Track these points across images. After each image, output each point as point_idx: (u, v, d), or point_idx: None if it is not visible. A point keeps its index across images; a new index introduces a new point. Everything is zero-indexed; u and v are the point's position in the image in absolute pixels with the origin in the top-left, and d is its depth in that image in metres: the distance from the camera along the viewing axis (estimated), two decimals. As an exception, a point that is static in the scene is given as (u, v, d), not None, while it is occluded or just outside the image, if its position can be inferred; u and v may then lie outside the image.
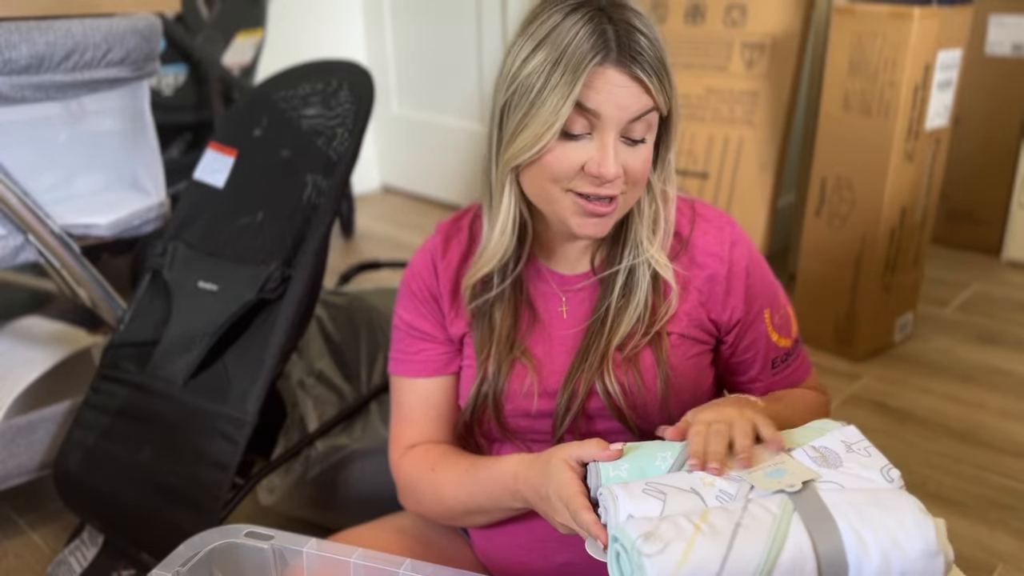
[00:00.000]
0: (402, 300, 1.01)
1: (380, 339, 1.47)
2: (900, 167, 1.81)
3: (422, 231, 2.71)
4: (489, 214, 0.92)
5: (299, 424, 1.34)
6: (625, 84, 0.81)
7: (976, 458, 1.54)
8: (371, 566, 0.81)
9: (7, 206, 1.23)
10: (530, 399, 0.92)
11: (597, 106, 0.81)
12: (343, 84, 1.34)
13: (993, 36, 2.33)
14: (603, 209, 0.85)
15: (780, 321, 0.96)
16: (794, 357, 0.98)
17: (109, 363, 1.32)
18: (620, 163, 0.83)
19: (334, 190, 1.27)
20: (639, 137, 0.84)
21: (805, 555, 0.67)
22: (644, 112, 0.83)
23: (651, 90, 0.82)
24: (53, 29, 1.20)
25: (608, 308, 0.92)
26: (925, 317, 2.08)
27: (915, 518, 0.69)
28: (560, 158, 0.84)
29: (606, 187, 0.84)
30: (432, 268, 0.99)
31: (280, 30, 2.51)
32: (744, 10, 2.07)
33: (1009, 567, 1.28)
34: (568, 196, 0.85)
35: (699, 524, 0.68)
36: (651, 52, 0.82)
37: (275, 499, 1.32)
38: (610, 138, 0.83)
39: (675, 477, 0.76)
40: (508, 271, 0.94)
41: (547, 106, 0.82)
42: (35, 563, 1.31)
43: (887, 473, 0.74)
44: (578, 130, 0.83)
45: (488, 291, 0.94)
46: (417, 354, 0.99)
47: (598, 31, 0.81)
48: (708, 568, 0.66)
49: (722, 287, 0.92)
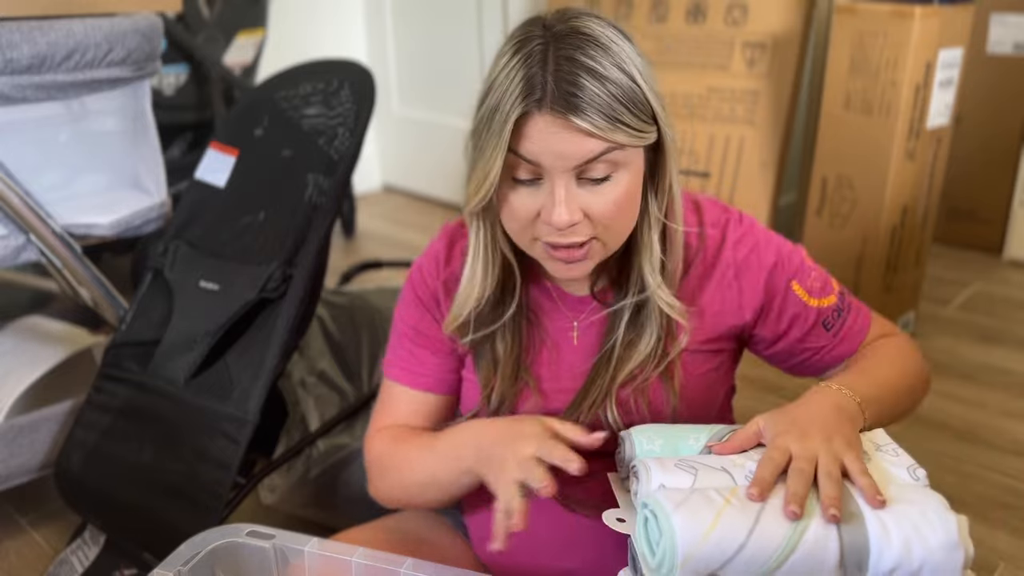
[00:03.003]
0: (406, 304, 0.98)
1: (381, 339, 1.47)
2: (901, 166, 1.81)
3: (423, 231, 2.71)
4: (469, 254, 0.89)
5: (300, 423, 1.34)
6: (559, 132, 0.75)
7: (977, 457, 1.53)
8: (372, 565, 0.81)
9: (9, 206, 1.23)
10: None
11: (534, 156, 0.76)
12: (344, 83, 1.34)
13: (994, 35, 2.33)
14: (573, 255, 0.80)
15: (813, 284, 0.91)
16: (847, 310, 0.92)
17: (111, 362, 1.32)
18: (578, 207, 0.78)
19: (335, 189, 1.27)
20: (601, 176, 0.78)
21: (829, 536, 0.68)
22: (595, 156, 0.76)
23: (597, 134, 0.74)
24: (54, 29, 1.20)
25: (615, 343, 0.88)
26: (926, 316, 2.07)
27: (938, 512, 0.70)
28: (514, 205, 0.80)
29: (567, 234, 0.79)
30: (436, 274, 0.96)
31: (281, 30, 2.51)
32: (745, 9, 2.07)
33: (1010, 566, 1.28)
34: (537, 243, 0.82)
35: (729, 498, 0.70)
36: (601, 91, 0.74)
37: (276, 498, 1.32)
38: (559, 185, 0.77)
39: (707, 457, 0.77)
40: (507, 304, 0.90)
41: (484, 154, 0.78)
42: (37, 562, 1.31)
43: (913, 472, 0.76)
44: (524, 176, 0.78)
45: (485, 326, 0.90)
46: (421, 366, 0.96)
47: (531, 75, 0.74)
48: (734, 538, 0.68)
49: (735, 291, 0.89)
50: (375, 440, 0.98)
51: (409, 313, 0.97)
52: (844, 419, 0.77)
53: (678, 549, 0.68)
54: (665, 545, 0.68)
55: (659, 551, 0.69)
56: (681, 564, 0.68)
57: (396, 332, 0.99)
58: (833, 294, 0.93)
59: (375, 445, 0.97)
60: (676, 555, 0.68)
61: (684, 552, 0.68)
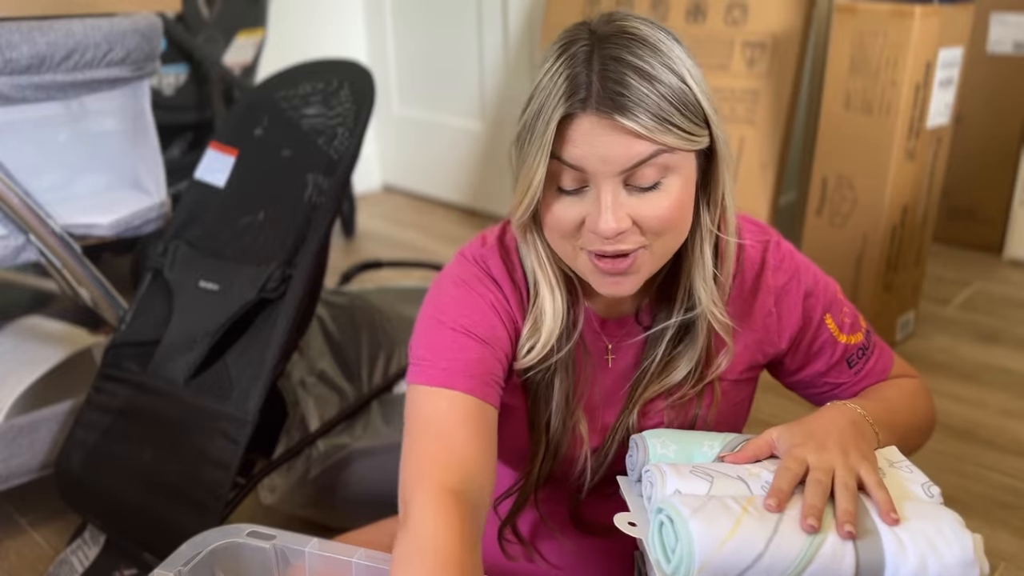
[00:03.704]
0: (462, 293, 0.83)
1: (381, 339, 1.47)
2: (901, 166, 1.81)
3: (423, 230, 2.71)
4: (530, 276, 0.83)
5: (300, 424, 1.34)
6: (605, 133, 0.71)
7: (978, 457, 1.53)
8: (373, 566, 0.81)
9: (8, 206, 1.23)
10: (579, 461, 0.87)
11: (578, 161, 0.72)
12: (344, 83, 1.34)
13: (995, 34, 2.33)
14: (619, 266, 0.75)
15: (844, 320, 0.90)
16: (871, 349, 0.91)
17: (110, 363, 1.32)
18: (626, 215, 0.73)
19: (335, 189, 1.27)
20: (650, 184, 0.73)
21: (845, 550, 0.68)
22: (643, 159, 0.72)
23: (645, 135, 0.70)
24: (54, 29, 1.20)
25: (654, 361, 0.84)
26: (926, 316, 2.07)
27: (954, 529, 0.69)
28: (557, 214, 0.75)
29: (615, 243, 0.74)
30: (504, 274, 0.85)
31: (281, 30, 2.51)
32: (745, 9, 2.07)
33: (1011, 566, 1.28)
34: (582, 254, 0.77)
35: (746, 507, 0.69)
36: (649, 91, 0.70)
37: (276, 498, 1.32)
38: (605, 191, 0.73)
39: (722, 465, 0.77)
40: (571, 331, 0.83)
41: (527, 160, 0.74)
42: (37, 562, 1.31)
43: (928, 489, 0.75)
44: (569, 185, 0.74)
45: (550, 356, 0.83)
46: (469, 358, 0.79)
47: (576, 74, 0.71)
48: (752, 548, 0.67)
49: (774, 318, 0.87)
50: (430, 516, 0.71)
51: (465, 302, 0.83)
52: (859, 435, 0.76)
53: (695, 556, 0.67)
54: (682, 551, 0.67)
55: (675, 557, 0.68)
56: (698, 571, 0.67)
57: (437, 332, 0.82)
58: (861, 332, 0.91)
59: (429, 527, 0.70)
60: (693, 562, 0.67)
61: (701, 559, 0.67)
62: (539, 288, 0.82)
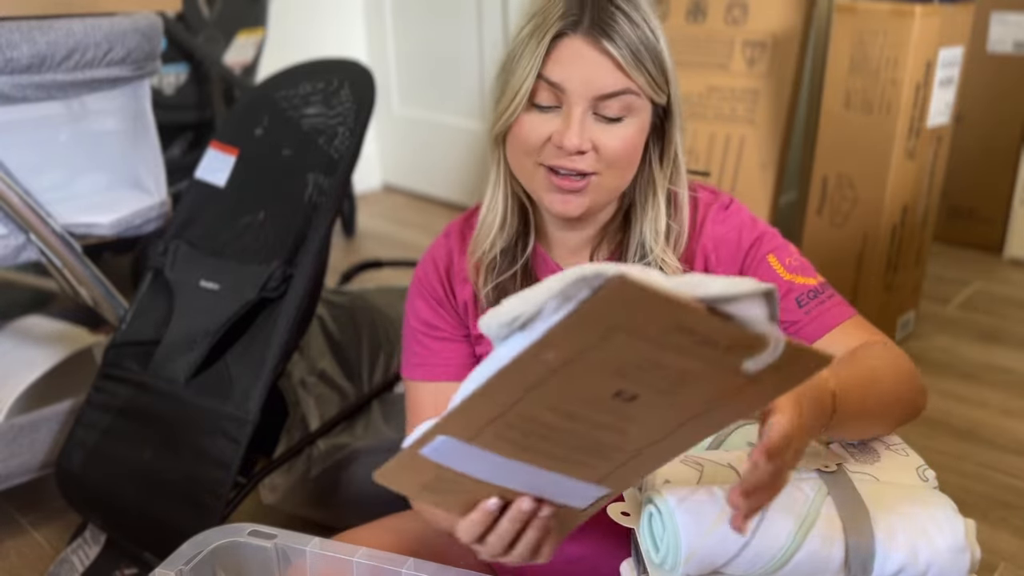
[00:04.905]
0: (417, 300, 0.98)
1: (382, 338, 1.47)
2: (901, 165, 1.81)
3: (424, 230, 2.71)
4: (488, 190, 0.92)
5: (301, 423, 1.34)
6: (591, 57, 0.80)
7: (978, 456, 1.53)
8: (374, 565, 0.81)
9: (9, 205, 1.23)
10: None
11: (561, 79, 0.81)
12: (344, 83, 1.34)
13: (995, 34, 2.33)
14: (574, 185, 0.83)
15: (794, 263, 0.91)
16: (827, 297, 0.91)
17: (111, 362, 1.32)
18: (589, 138, 0.82)
19: (335, 189, 1.27)
20: (614, 115, 0.82)
21: (834, 537, 0.68)
22: (616, 91, 0.81)
23: (624, 68, 0.80)
24: (54, 28, 1.20)
25: None
26: (927, 315, 2.07)
27: (946, 514, 0.70)
28: (528, 128, 0.83)
29: (573, 160, 0.82)
30: (448, 267, 0.97)
31: (281, 29, 2.51)
32: (745, 8, 2.07)
33: (1011, 565, 1.28)
34: (540, 170, 0.85)
35: None
36: (631, 32, 0.80)
37: (277, 498, 1.32)
38: (576, 111, 0.81)
39: (712, 453, 0.77)
40: (517, 254, 0.92)
41: (516, 75, 0.82)
42: (37, 562, 1.31)
43: (923, 473, 0.76)
44: (544, 102, 0.82)
45: (500, 275, 0.92)
46: (437, 355, 0.96)
47: (571, 2, 0.80)
48: (738, 536, 0.67)
49: (713, 263, 0.91)
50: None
51: (420, 308, 0.98)
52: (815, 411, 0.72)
53: (682, 546, 0.67)
54: (669, 541, 0.68)
55: (663, 547, 0.69)
56: (685, 560, 0.68)
57: (408, 333, 0.99)
58: (813, 279, 0.91)
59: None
60: (680, 551, 0.68)
61: (688, 549, 0.67)
62: (494, 195, 0.91)
